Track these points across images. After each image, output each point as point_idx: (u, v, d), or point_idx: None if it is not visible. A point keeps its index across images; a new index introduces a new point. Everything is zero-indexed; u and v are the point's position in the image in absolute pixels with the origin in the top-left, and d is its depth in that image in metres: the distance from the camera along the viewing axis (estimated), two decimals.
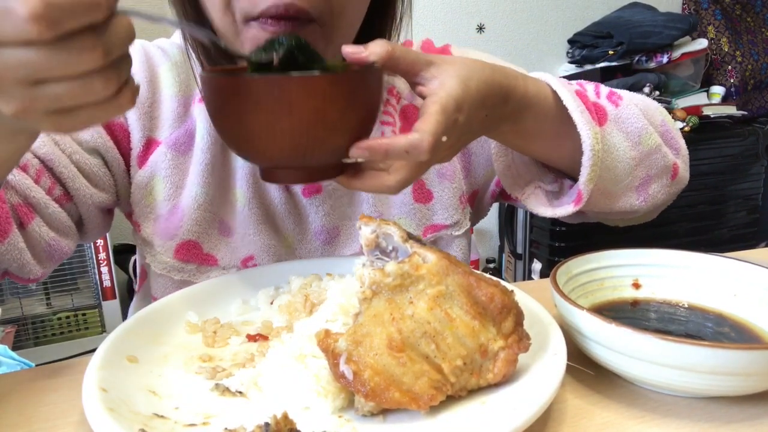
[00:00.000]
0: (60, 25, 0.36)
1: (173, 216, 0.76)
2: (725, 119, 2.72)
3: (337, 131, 0.52)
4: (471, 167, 0.85)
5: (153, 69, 0.77)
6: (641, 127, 0.69)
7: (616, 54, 2.56)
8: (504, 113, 0.60)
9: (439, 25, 2.61)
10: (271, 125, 0.50)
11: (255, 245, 0.77)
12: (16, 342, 2.07)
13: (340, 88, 0.51)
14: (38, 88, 0.39)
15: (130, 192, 0.77)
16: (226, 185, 0.78)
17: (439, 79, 0.54)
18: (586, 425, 0.47)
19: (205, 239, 0.77)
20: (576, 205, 0.67)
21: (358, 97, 0.53)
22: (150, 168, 0.76)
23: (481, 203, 0.90)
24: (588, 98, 0.67)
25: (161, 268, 0.77)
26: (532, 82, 0.63)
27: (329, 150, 0.53)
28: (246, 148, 0.55)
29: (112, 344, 0.53)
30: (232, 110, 0.51)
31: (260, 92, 0.50)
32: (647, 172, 0.71)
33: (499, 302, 0.48)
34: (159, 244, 0.76)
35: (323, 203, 0.79)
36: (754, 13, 3.01)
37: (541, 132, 0.65)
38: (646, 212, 0.77)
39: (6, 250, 0.65)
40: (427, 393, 0.45)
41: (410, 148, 0.50)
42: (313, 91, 0.50)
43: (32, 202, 0.67)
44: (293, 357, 0.51)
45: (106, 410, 0.43)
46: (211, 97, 0.54)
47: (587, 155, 0.64)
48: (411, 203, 0.81)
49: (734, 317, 0.60)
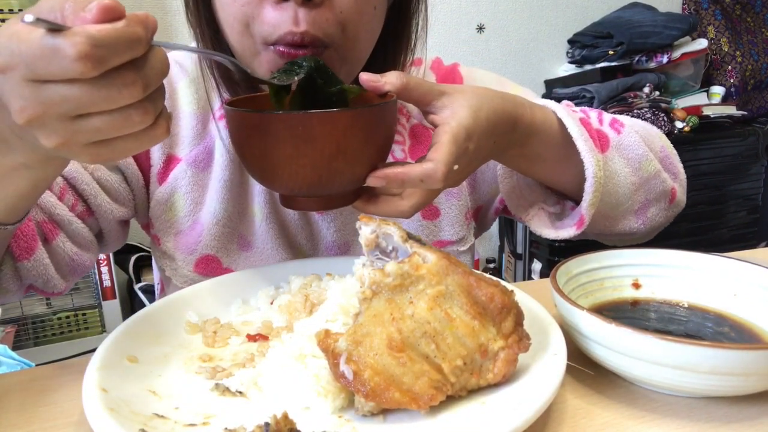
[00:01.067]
0: (105, 63, 0.37)
1: (193, 231, 0.77)
2: (725, 119, 2.72)
3: (356, 163, 0.54)
4: (476, 184, 0.88)
5: (171, 86, 0.78)
6: (642, 154, 0.72)
7: (616, 54, 2.56)
8: (512, 140, 0.62)
9: (439, 25, 2.60)
10: (293, 159, 0.53)
11: (272, 259, 0.79)
12: (16, 342, 2.07)
13: (360, 123, 0.53)
14: (79, 122, 0.40)
15: (149, 206, 0.79)
16: (245, 201, 0.79)
17: (451, 108, 0.56)
18: (586, 425, 0.47)
19: (224, 254, 0.78)
20: (578, 229, 0.70)
21: (376, 129, 0.55)
22: (170, 184, 0.77)
23: (484, 218, 0.92)
24: (591, 125, 0.70)
25: (181, 281, 0.78)
26: (539, 110, 0.65)
27: (348, 180, 0.56)
28: (269, 177, 0.57)
29: (112, 344, 0.53)
30: (256, 143, 0.54)
31: (283, 128, 0.52)
32: (646, 197, 0.74)
33: (499, 302, 0.48)
34: (180, 258, 0.78)
35: (334, 220, 0.81)
36: (754, 13, 3.01)
37: (546, 157, 0.68)
38: (644, 234, 0.80)
39: (32, 266, 0.66)
40: (427, 393, 0.45)
41: (425, 177, 0.53)
42: (335, 126, 0.52)
43: (56, 219, 0.69)
44: (293, 357, 0.51)
45: (106, 410, 0.43)
46: (235, 129, 0.57)
47: (590, 181, 0.66)
48: (419, 220, 0.83)
49: (734, 317, 0.60)
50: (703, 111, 2.67)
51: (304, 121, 0.51)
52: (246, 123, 0.54)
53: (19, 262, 0.66)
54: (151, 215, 0.79)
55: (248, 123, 0.54)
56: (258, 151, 0.54)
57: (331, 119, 0.52)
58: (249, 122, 0.54)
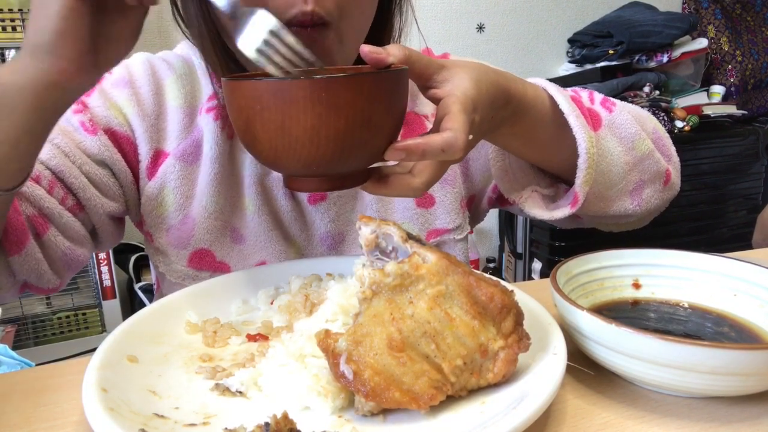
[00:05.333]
0: None
1: (184, 225, 0.77)
2: (725, 119, 2.72)
3: (379, 133, 0.51)
4: (469, 172, 0.87)
5: (159, 81, 0.78)
6: (634, 133, 0.71)
7: (616, 53, 2.56)
8: (504, 116, 0.61)
9: (439, 25, 2.61)
10: (315, 130, 0.48)
11: (266, 251, 0.79)
12: (16, 342, 2.07)
13: (384, 88, 0.50)
14: None
15: (140, 203, 0.79)
16: (236, 194, 0.79)
17: (452, 81, 0.55)
18: (586, 425, 0.47)
19: (217, 247, 0.78)
20: (572, 208, 0.69)
21: (397, 97, 0.53)
22: (159, 179, 0.77)
23: (478, 208, 0.91)
24: (583, 104, 0.69)
25: (176, 276, 0.78)
26: (530, 87, 0.64)
27: (368, 154, 0.53)
28: (283, 156, 0.51)
29: (112, 344, 0.53)
30: (271, 117, 0.49)
31: (305, 95, 0.47)
32: (641, 177, 0.73)
33: (499, 302, 0.48)
34: (173, 253, 0.78)
35: (328, 210, 0.81)
36: (754, 12, 3.01)
37: (538, 135, 0.67)
38: (640, 217, 0.79)
39: (24, 261, 0.66)
40: (427, 393, 0.45)
41: (446, 147, 0.50)
42: (360, 91, 0.48)
43: (46, 212, 0.69)
44: (293, 357, 0.51)
45: (106, 410, 0.43)
46: (245, 104, 0.50)
47: (583, 158, 0.66)
48: (413, 208, 0.83)
49: (734, 317, 0.60)
50: (703, 110, 2.67)
51: (329, 87, 0.47)
52: (259, 94, 0.48)
53: (10, 257, 0.66)
54: (142, 212, 0.79)
55: (262, 94, 0.48)
56: (273, 126, 0.49)
57: (358, 83, 0.48)
58: (263, 92, 0.48)
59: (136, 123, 0.76)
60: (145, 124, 0.76)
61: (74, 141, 0.72)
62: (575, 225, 0.80)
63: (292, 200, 0.80)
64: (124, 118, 0.76)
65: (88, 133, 0.73)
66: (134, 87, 0.77)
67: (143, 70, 0.77)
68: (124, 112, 0.76)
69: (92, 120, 0.74)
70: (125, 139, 0.76)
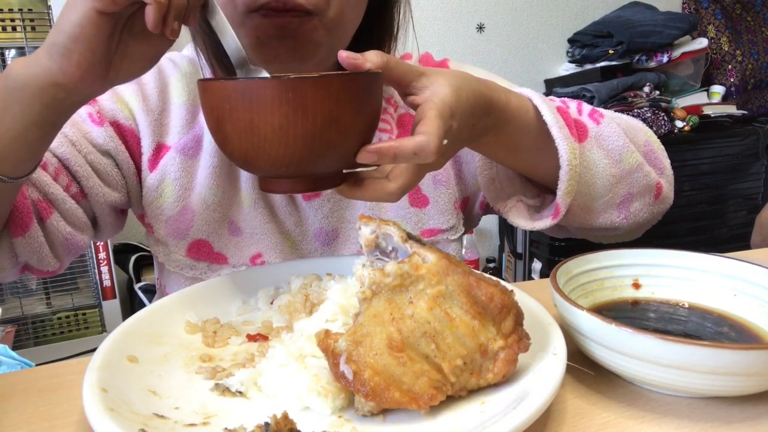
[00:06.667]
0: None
1: (183, 216, 0.80)
2: (725, 119, 2.72)
3: (348, 134, 0.52)
4: (462, 174, 0.88)
5: (164, 80, 0.82)
6: (622, 145, 0.71)
7: (616, 53, 2.56)
8: (487, 125, 0.62)
9: (439, 25, 2.61)
10: (283, 130, 0.49)
11: (262, 243, 0.81)
12: (16, 342, 2.07)
13: (352, 89, 0.51)
14: None
15: (142, 194, 0.82)
16: (234, 187, 0.81)
17: (431, 88, 0.55)
18: (586, 425, 0.47)
19: (215, 238, 0.80)
20: (554, 219, 0.69)
21: (367, 99, 0.53)
22: (160, 171, 0.79)
23: (471, 211, 0.92)
24: (569, 115, 0.69)
25: (174, 265, 0.81)
26: (515, 97, 0.64)
27: (339, 155, 0.53)
28: (253, 156, 0.52)
29: (112, 344, 0.53)
30: (240, 117, 0.50)
31: (273, 95, 0.48)
32: (629, 190, 0.73)
33: (499, 302, 0.48)
34: (172, 243, 0.81)
35: (321, 207, 0.82)
36: (754, 12, 3.01)
37: (522, 145, 0.67)
38: (628, 230, 0.78)
39: (27, 243, 0.69)
40: (427, 393, 0.45)
41: (418, 150, 0.51)
42: (328, 92, 0.49)
43: (51, 198, 0.72)
44: (293, 357, 0.51)
45: (106, 410, 0.43)
46: (214, 105, 0.52)
47: (564, 169, 0.66)
48: (407, 207, 0.84)
49: (734, 317, 0.60)
50: (703, 110, 2.67)
51: (296, 87, 0.48)
52: (228, 94, 0.50)
53: (14, 239, 0.68)
54: (143, 203, 0.81)
55: (231, 93, 0.50)
56: (242, 125, 0.50)
57: (325, 84, 0.49)
58: (232, 92, 0.50)
59: (141, 117, 0.79)
60: (149, 118, 0.79)
61: (81, 131, 0.75)
62: (564, 235, 0.80)
63: (287, 196, 0.82)
64: (130, 112, 0.79)
65: (95, 124, 0.76)
66: (141, 83, 0.80)
67: (150, 70, 0.80)
68: (130, 107, 0.79)
69: (99, 112, 0.77)
70: (130, 132, 0.79)
